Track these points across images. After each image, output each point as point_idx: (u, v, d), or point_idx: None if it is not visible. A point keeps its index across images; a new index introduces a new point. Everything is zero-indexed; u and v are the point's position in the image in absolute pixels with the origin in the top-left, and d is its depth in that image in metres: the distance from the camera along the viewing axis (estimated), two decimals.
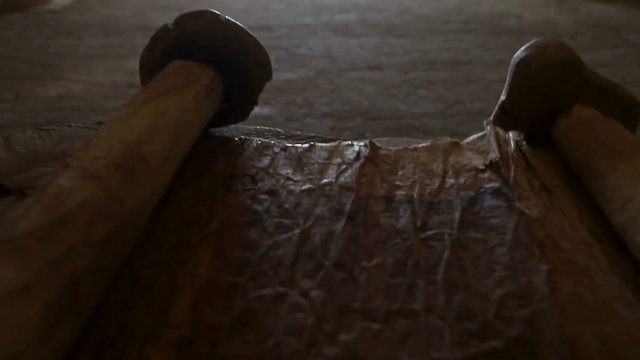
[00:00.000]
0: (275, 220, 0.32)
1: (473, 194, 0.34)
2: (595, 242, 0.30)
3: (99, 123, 0.44)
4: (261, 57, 0.41)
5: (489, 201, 0.33)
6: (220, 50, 0.40)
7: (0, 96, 2.00)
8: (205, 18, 0.39)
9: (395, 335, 0.24)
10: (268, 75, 0.43)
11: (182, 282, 0.27)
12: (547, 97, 0.42)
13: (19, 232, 0.21)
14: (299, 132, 0.45)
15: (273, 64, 0.43)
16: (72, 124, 0.44)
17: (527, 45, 0.42)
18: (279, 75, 2.30)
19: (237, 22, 0.40)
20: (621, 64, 2.39)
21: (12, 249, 0.20)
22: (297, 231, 0.31)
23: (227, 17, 0.40)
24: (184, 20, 0.39)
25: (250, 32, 0.41)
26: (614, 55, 2.51)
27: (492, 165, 0.36)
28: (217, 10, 0.41)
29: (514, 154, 0.36)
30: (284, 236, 0.31)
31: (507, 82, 0.43)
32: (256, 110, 0.46)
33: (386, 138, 0.44)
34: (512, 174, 0.34)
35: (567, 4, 3.44)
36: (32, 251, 0.20)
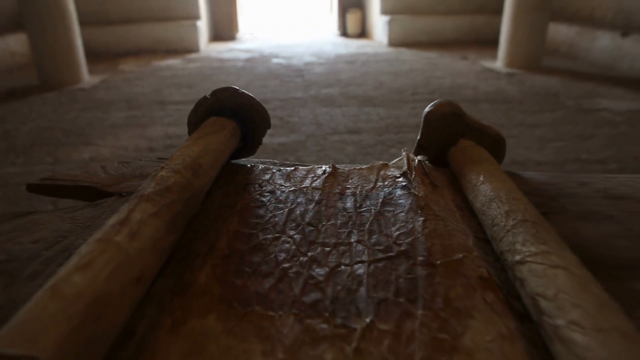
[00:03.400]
0: (274, 205, 0.50)
1: (391, 189, 0.53)
2: (458, 210, 0.49)
3: (159, 158, 0.63)
4: (264, 114, 0.61)
5: (399, 192, 0.52)
6: (239, 110, 0.60)
7: (42, 159, 2.19)
8: (230, 91, 0.59)
9: (338, 252, 0.42)
10: (268, 126, 0.62)
11: (221, 233, 0.45)
12: (444, 135, 0.61)
13: (147, 191, 0.39)
14: (288, 162, 0.64)
15: (270, 131, 0.62)
16: (142, 159, 0.63)
17: (431, 104, 0.62)
18: (275, 139, 2.53)
19: (249, 93, 0.60)
20: (559, 124, 2.65)
21: (147, 198, 0.38)
22: (286, 210, 0.49)
23: (242, 90, 0.60)
24: (216, 92, 0.59)
25: (257, 100, 0.61)
26: (553, 117, 2.78)
27: (404, 174, 0.55)
28: (225, 85, 0.61)
29: (416, 166, 0.55)
30: (279, 212, 0.49)
31: (420, 127, 0.62)
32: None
33: (344, 164, 0.62)
34: (413, 176, 0.53)
35: (515, 77, 3.79)
36: (155, 199, 0.38)
